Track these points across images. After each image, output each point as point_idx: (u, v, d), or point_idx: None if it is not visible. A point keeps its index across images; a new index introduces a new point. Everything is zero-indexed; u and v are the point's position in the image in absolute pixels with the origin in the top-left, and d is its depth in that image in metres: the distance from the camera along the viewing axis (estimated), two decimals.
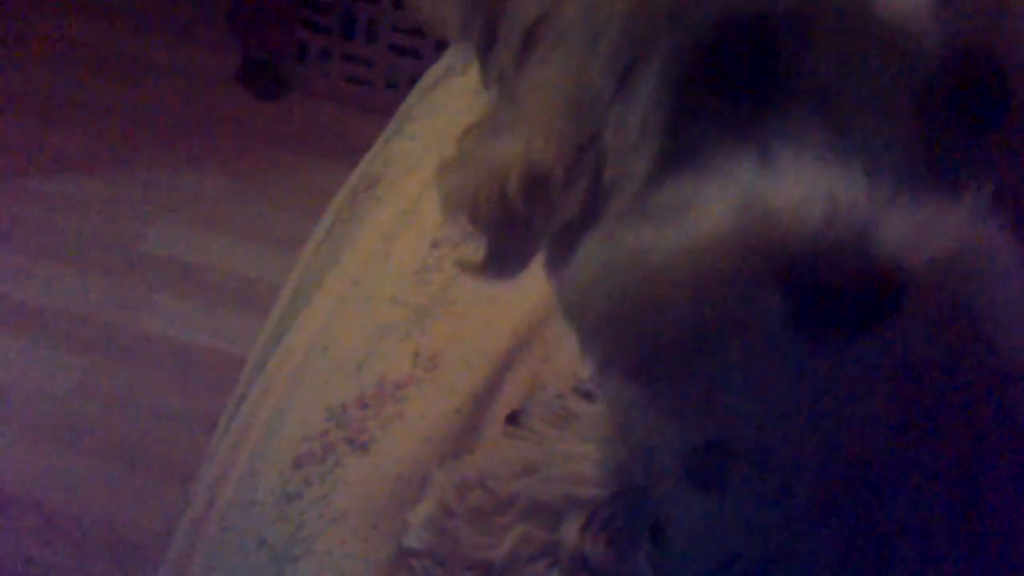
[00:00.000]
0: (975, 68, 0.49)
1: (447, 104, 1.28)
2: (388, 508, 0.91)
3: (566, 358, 0.99)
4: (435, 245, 1.09)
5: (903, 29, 0.47)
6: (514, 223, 0.57)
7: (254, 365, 1.12)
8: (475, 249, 1.07)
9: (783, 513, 0.65)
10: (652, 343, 0.51)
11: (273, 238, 2.01)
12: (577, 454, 0.87)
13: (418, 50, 2.17)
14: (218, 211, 2.06)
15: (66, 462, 1.70)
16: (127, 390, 1.79)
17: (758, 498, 0.65)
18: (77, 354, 1.83)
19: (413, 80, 2.20)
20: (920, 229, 0.46)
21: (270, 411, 1.03)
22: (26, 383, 1.79)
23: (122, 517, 1.64)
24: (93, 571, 1.59)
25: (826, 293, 0.46)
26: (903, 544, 0.63)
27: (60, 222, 2.01)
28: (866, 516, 0.63)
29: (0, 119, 2.17)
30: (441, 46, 2.06)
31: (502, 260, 0.62)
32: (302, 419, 0.99)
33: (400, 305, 1.04)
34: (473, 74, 1.28)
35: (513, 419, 0.95)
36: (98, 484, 1.67)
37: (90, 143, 2.15)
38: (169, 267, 1.96)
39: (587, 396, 0.92)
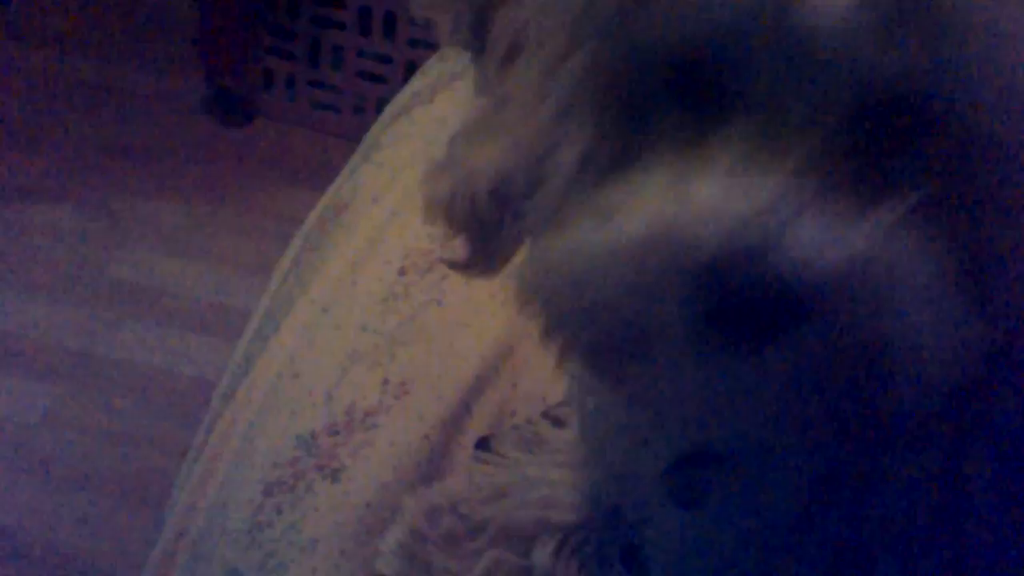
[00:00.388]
0: (904, 90, 0.50)
1: (413, 132, 1.29)
2: (358, 535, 0.92)
3: (535, 383, 1.00)
4: (402, 272, 1.10)
5: (836, 50, 0.49)
6: (486, 226, 0.60)
7: (223, 393, 1.13)
8: (442, 276, 1.08)
9: (765, 526, 0.67)
10: (595, 335, 0.52)
11: (241, 264, 2.01)
12: (548, 479, 0.88)
13: (384, 76, 2.18)
14: (186, 237, 2.06)
15: (37, 490, 1.69)
16: (97, 417, 1.78)
17: (739, 512, 0.66)
18: (46, 382, 1.82)
19: (380, 105, 2.21)
20: (826, 241, 0.47)
21: (240, 439, 1.03)
22: None
23: (94, 545, 1.63)
24: None
25: (731, 300, 0.47)
26: (887, 553, 0.64)
27: (27, 249, 2.01)
28: (848, 526, 0.64)
29: None
30: (407, 72, 2.08)
31: (484, 259, 0.64)
32: (272, 447, 0.99)
33: (369, 333, 1.05)
34: (439, 102, 1.30)
35: (483, 444, 0.96)
36: (69, 512, 1.67)
37: (57, 170, 2.14)
38: (138, 293, 1.96)
39: (557, 422, 0.93)
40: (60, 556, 1.62)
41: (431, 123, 1.28)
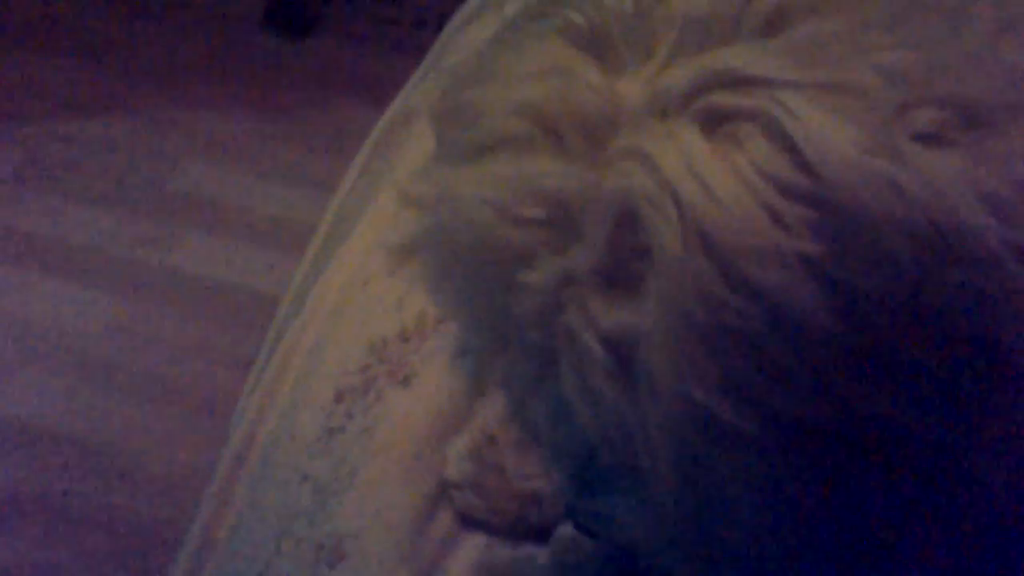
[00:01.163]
0: None
1: (482, 38, 1.26)
2: (430, 441, 0.91)
3: None
4: None
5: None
6: None
7: (292, 301, 1.12)
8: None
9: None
10: None
11: (301, 177, 2.00)
12: None
13: None
14: (246, 151, 2.05)
15: (100, 398, 1.71)
16: (158, 327, 1.79)
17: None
18: (107, 292, 1.83)
19: (441, 19, 2.18)
20: None
21: (310, 346, 1.02)
22: (59, 320, 1.79)
23: (155, 451, 1.65)
24: (129, 503, 1.60)
25: None
26: None
27: (87, 162, 2.01)
28: None
29: (26, 60, 2.16)
30: None
31: None
32: (343, 353, 0.99)
33: None
34: (509, 7, 1.27)
35: None
36: (131, 419, 1.68)
37: (116, 84, 2.14)
38: (198, 206, 1.96)
39: None
40: (123, 462, 1.64)
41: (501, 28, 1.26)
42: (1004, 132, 0.45)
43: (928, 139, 0.44)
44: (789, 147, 0.44)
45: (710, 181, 0.44)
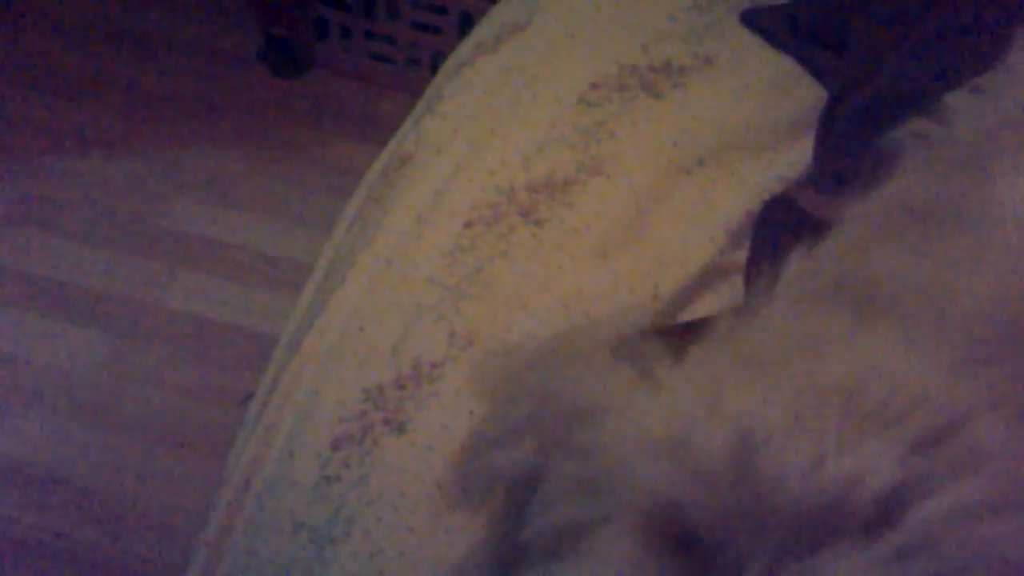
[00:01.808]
0: None
1: (477, 82, 1.27)
2: (425, 486, 0.91)
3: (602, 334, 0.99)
4: (468, 225, 1.09)
5: None
6: None
7: (287, 345, 1.12)
8: (508, 229, 1.07)
9: None
10: None
11: (295, 215, 2.01)
12: None
13: (440, 27, 2.16)
14: (240, 189, 2.06)
15: (94, 438, 1.70)
16: (152, 366, 1.79)
17: None
18: (103, 330, 1.83)
19: (435, 57, 2.21)
20: None
21: (305, 392, 1.03)
22: (53, 359, 1.79)
23: (149, 493, 1.65)
24: (122, 546, 1.59)
25: None
26: None
27: (83, 200, 2.01)
28: None
29: (23, 96, 2.17)
30: (463, 23, 2.06)
31: None
32: (339, 400, 0.99)
33: (435, 285, 1.04)
34: (503, 52, 1.29)
35: None
36: (126, 460, 1.68)
37: (112, 121, 2.15)
38: (192, 244, 1.96)
39: None
40: (117, 504, 1.63)
41: (495, 73, 1.27)
42: None
43: None
44: None
45: None
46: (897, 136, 0.75)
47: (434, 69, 1.38)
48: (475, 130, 1.19)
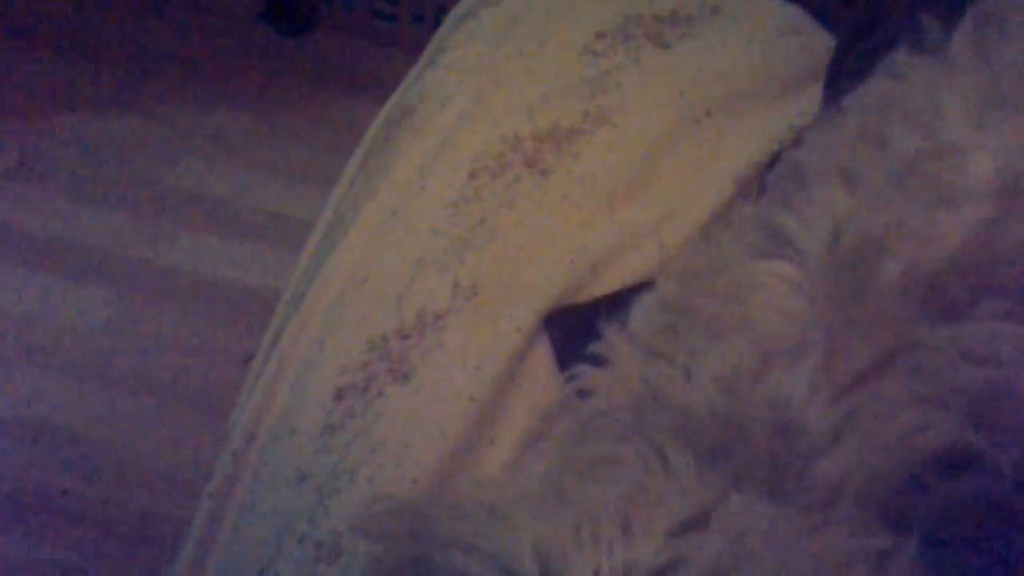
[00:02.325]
0: None
1: (481, 34, 1.26)
2: (429, 436, 0.91)
3: (607, 287, 0.99)
4: (473, 175, 1.08)
5: None
6: None
7: (290, 298, 1.12)
8: (514, 179, 1.06)
9: None
10: None
11: (298, 173, 2.00)
12: None
13: None
14: (243, 147, 2.05)
15: (99, 395, 1.70)
16: (156, 324, 1.79)
17: None
18: (107, 289, 1.83)
19: (439, 14, 2.18)
20: None
21: (309, 343, 1.02)
22: (57, 317, 1.79)
23: (154, 447, 1.65)
24: (127, 501, 1.59)
25: None
26: None
27: (86, 159, 2.00)
28: None
29: (26, 57, 2.15)
30: None
31: None
32: (343, 351, 0.98)
33: (439, 236, 1.03)
34: (507, 3, 1.27)
35: None
36: (131, 416, 1.68)
37: (115, 80, 2.13)
38: (195, 202, 1.96)
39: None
40: (122, 459, 1.63)
41: (500, 25, 1.25)
42: None
43: None
44: None
45: None
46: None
47: (437, 26, 1.36)
48: (479, 82, 1.18)
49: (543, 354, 0.96)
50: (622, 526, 0.56)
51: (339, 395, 0.95)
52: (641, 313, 0.85)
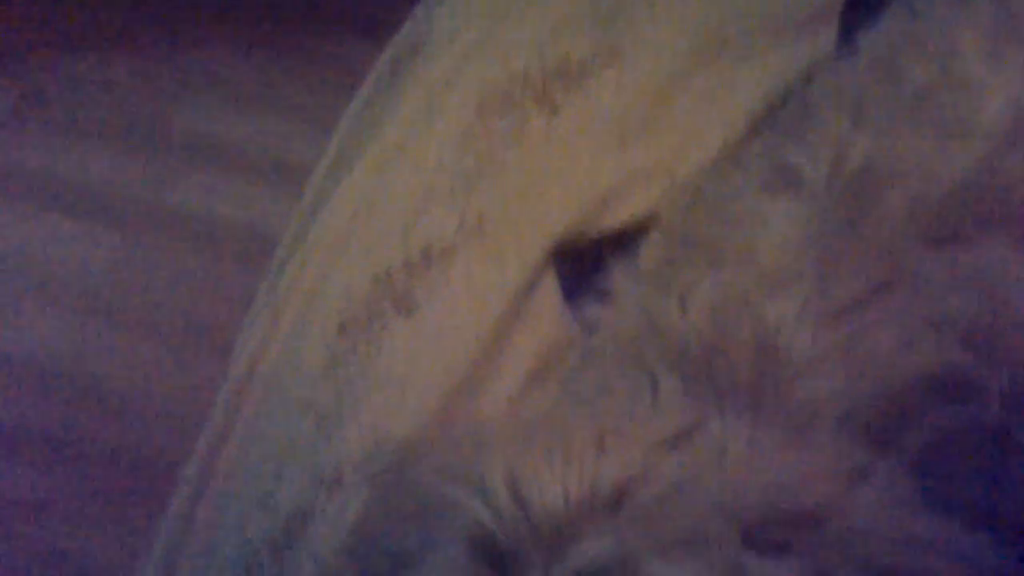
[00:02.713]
0: None
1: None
2: (433, 370, 0.90)
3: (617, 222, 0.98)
4: (480, 112, 1.07)
5: None
6: None
7: (293, 234, 1.11)
8: (522, 115, 1.05)
9: None
10: None
11: (302, 113, 1.98)
12: None
13: None
14: (248, 88, 2.03)
15: (103, 333, 1.70)
16: (160, 264, 1.78)
17: None
18: (112, 230, 1.82)
19: None
20: None
21: (312, 278, 1.01)
22: (62, 257, 1.78)
23: (157, 386, 1.65)
24: (131, 438, 1.60)
25: None
26: None
27: (91, 100, 1.99)
28: None
29: None
30: None
31: None
32: (347, 285, 0.97)
33: (446, 170, 1.02)
34: None
35: None
36: (134, 355, 1.68)
37: (120, 20, 2.11)
38: (200, 144, 1.94)
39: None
40: (126, 397, 1.64)
41: None
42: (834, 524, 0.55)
43: (774, 549, 0.53)
44: None
45: None
46: None
47: None
48: (486, 16, 1.16)
49: (550, 290, 0.95)
50: (595, 445, 0.57)
51: (342, 329, 0.95)
52: (648, 248, 0.84)
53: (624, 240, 0.95)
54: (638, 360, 0.71)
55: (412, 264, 0.97)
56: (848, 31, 1.07)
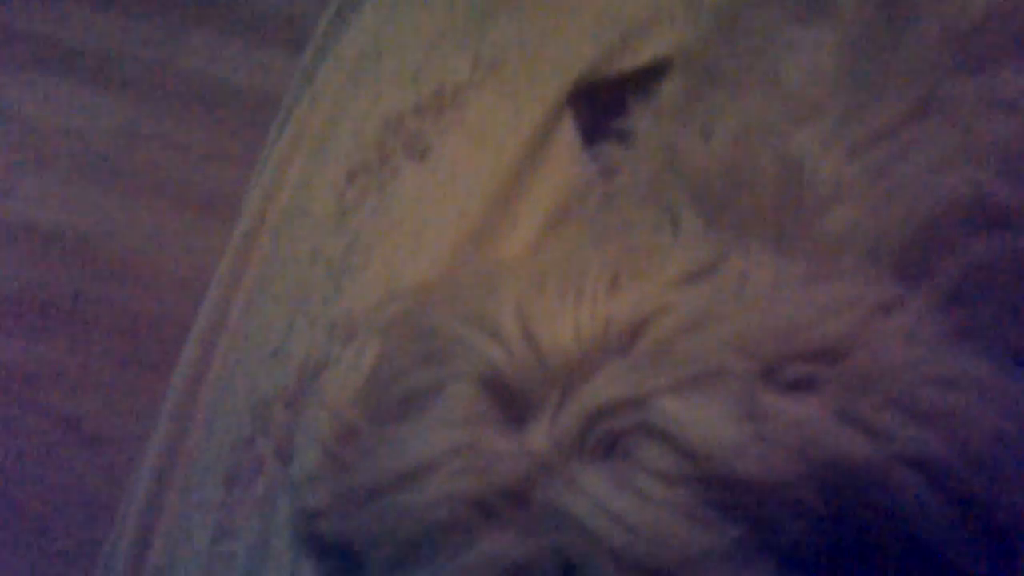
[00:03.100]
0: None
1: None
2: (444, 210, 0.88)
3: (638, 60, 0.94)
4: None
5: None
6: None
7: (302, 77, 1.07)
8: None
9: None
10: None
11: None
12: None
13: None
14: None
15: (109, 199, 1.68)
16: (166, 128, 1.75)
17: None
18: (116, 93, 1.78)
19: None
20: None
21: (322, 121, 0.98)
22: (66, 122, 1.75)
23: (163, 251, 1.63)
24: (138, 305, 1.59)
25: None
26: None
27: None
28: None
29: None
30: None
31: None
32: (356, 130, 0.94)
33: (458, 9, 0.98)
34: None
35: None
36: (140, 220, 1.66)
37: None
38: (205, 6, 1.89)
39: None
40: (131, 262, 1.62)
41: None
42: (859, 358, 0.52)
43: (795, 386, 0.51)
44: (671, 442, 0.49)
45: (622, 513, 0.49)
46: None
47: None
48: None
49: (568, 132, 0.92)
50: (610, 282, 0.54)
51: (352, 175, 0.92)
52: (669, 83, 0.80)
53: (645, 81, 0.91)
54: (658, 198, 0.68)
55: (424, 107, 0.93)
56: None
